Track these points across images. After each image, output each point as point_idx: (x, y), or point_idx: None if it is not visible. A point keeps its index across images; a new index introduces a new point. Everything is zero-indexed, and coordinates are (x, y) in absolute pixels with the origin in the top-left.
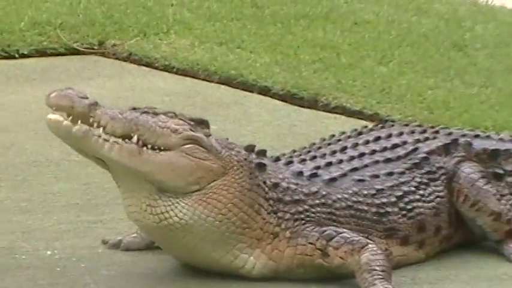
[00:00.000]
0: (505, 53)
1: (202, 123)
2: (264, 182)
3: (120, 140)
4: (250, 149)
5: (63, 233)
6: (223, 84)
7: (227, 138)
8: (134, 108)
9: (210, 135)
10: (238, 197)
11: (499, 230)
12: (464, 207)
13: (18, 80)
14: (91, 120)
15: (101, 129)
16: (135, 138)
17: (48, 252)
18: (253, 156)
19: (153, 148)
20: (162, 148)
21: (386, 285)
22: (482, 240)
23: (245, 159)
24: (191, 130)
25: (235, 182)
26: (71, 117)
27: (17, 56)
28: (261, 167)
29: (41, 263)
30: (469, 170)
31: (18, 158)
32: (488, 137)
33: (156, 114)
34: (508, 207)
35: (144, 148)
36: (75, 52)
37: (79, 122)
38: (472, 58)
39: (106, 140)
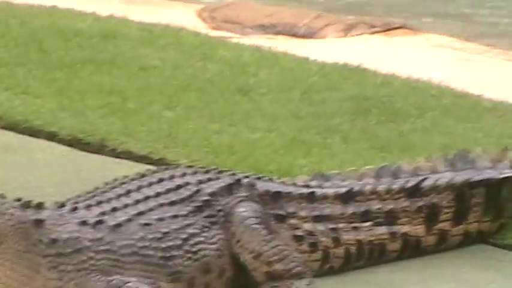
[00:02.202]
0: (288, 98)
1: None
2: (40, 241)
3: None
4: (26, 205)
5: None
6: (8, 129)
7: (3, 195)
8: None
9: None
10: (16, 263)
11: (257, 270)
12: (234, 246)
13: None
14: None
15: None
16: None
17: None
18: (30, 212)
19: None
20: None
21: None
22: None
23: (19, 221)
24: None
25: (11, 249)
26: None
27: None
28: (38, 223)
29: None
30: (242, 209)
31: None
32: (270, 179)
33: None
34: (275, 250)
35: None
36: None
37: None
38: (257, 103)
39: None
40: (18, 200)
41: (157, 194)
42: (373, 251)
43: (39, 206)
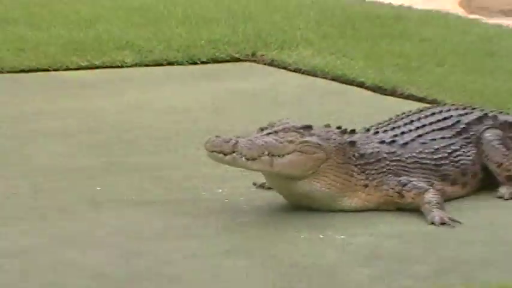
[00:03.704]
0: None
1: (308, 128)
2: (354, 155)
3: (257, 157)
4: (343, 131)
5: (230, 178)
6: (332, 80)
7: (328, 125)
8: (261, 129)
9: (314, 135)
10: (338, 171)
11: (500, 174)
12: (484, 159)
13: (200, 78)
14: (236, 153)
15: (243, 157)
16: (266, 154)
17: (219, 190)
18: (346, 136)
19: (279, 156)
20: (284, 154)
21: (439, 211)
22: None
23: (339, 143)
24: (301, 137)
25: (334, 162)
26: (221, 153)
27: (198, 62)
28: (352, 144)
29: (215, 197)
30: (488, 134)
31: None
32: (507, 114)
33: (276, 132)
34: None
35: (273, 158)
36: (236, 60)
37: (229, 154)
38: (499, 62)
39: (247, 159)
40: (339, 127)
41: (431, 123)
42: None
43: (352, 132)
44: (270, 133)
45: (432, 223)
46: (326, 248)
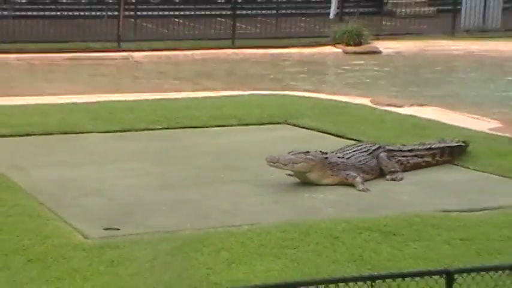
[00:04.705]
0: None
1: (308, 152)
2: (328, 162)
3: (288, 164)
4: (323, 152)
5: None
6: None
7: (316, 150)
8: (289, 152)
9: (310, 154)
10: (321, 169)
11: (386, 171)
12: (380, 164)
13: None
14: (278, 162)
15: (282, 164)
16: (291, 163)
17: (272, 176)
18: (324, 155)
19: (296, 163)
20: (298, 163)
21: (362, 185)
22: None
23: (320, 158)
24: (305, 155)
25: (319, 165)
26: (273, 162)
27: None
28: (326, 158)
29: (272, 177)
30: (382, 154)
31: None
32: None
33: (295, 153)
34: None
35: (294, 164)
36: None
37: (276, 163)
38: None
39: (284, 165)
40: (321, 151)
41: (360, 149)
42: None
43: (325, 153)
44: (292, 154)
45: (359, 190)
46: (314, 200)
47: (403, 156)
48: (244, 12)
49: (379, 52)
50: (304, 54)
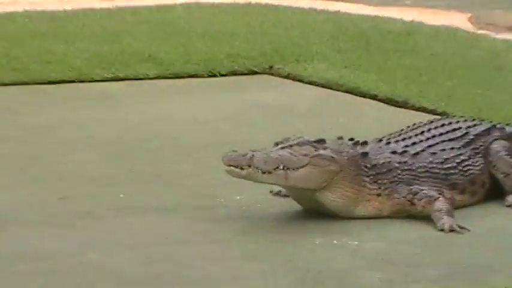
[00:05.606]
0: None
1: (321, 141)
2: (366, 166)
3: (272, 171)
4: (356, 143)
5: (248, 186)
6: (346, 92)
7: (341, 137)
8: (277, 143)
9: (327, 148)
10: (351, 182)
11: (507, 184)
12: (492, 169)
13: (219, 91)
14: (252, 168)
15: (259, 171)
16: (281, 168)
17: (238, 197)
18: (358, 147)
19: (293, 169)
20: (298, 168)
21: (449, 218)
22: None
23: (352, 155)
24: (315, 150)
25: (347, 173)
26: (239, 167)
27: (218, 75)
28: (364, 155)
29: (233, 204)
30: (496, 145)
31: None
32: None
33: (291, 146)
34: None
35: (288, 171)
36: (254, 73)
37: (246, 168)
38: (507, 76)
39: (263, 173)
40: (351, 139)
41: (441, 134)
42: None
43: (365, 143)
44: (284, 147)
45: (441, 230)
46: (339, 253)
47: None
48: None
49: None
50: None
